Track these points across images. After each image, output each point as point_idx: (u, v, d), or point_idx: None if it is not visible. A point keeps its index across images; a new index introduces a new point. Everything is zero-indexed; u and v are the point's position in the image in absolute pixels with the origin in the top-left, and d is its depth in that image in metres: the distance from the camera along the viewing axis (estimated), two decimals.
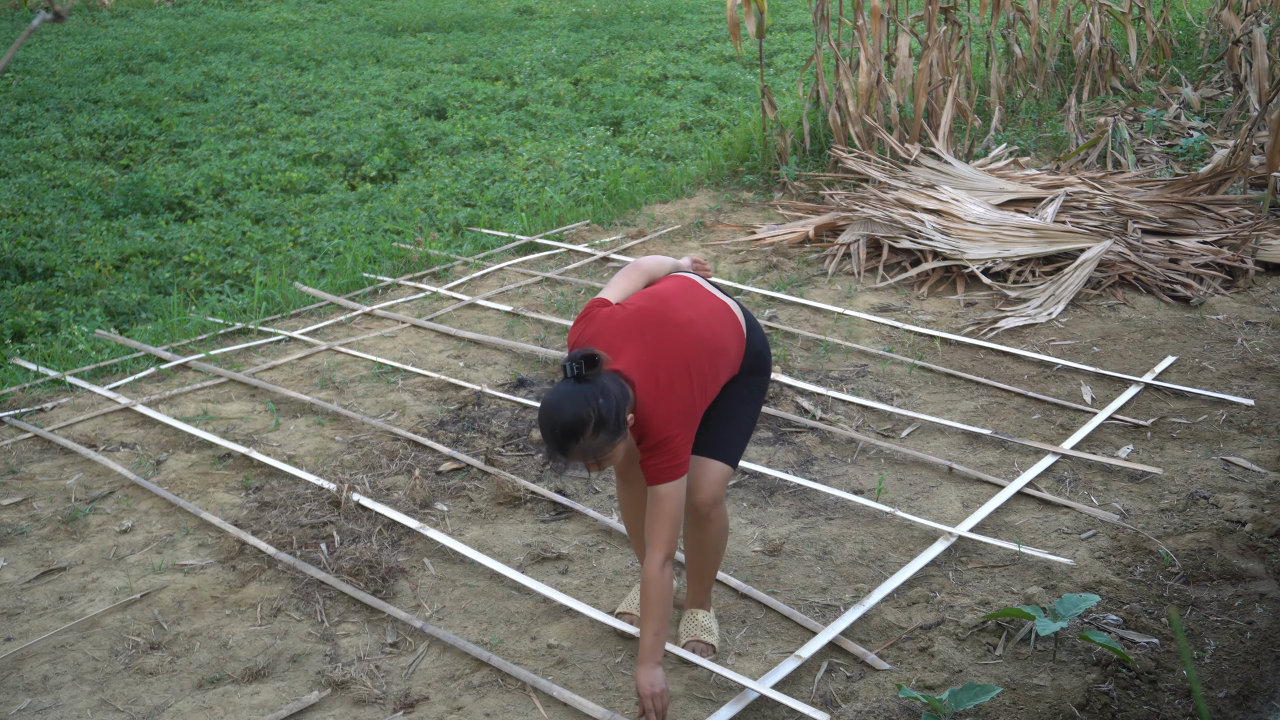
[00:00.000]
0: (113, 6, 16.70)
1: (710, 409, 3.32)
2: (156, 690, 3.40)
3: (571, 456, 3.03)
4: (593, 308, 3.25)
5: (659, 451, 3.11)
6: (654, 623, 3.12)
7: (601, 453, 3.02)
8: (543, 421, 3.04)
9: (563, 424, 2.98)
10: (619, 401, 3.01)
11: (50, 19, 1.47)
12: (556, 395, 3.02)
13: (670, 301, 3.27)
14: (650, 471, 3.13)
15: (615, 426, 3.00)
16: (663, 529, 3.12)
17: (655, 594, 3.12)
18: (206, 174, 8.79)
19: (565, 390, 3.01)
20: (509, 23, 15.30)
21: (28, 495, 4.46)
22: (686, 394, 3.15)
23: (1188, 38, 11.93)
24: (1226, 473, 4.42)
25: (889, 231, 6.68)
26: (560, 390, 3.02)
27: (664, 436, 3.10)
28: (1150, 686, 3.31)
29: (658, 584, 3.11)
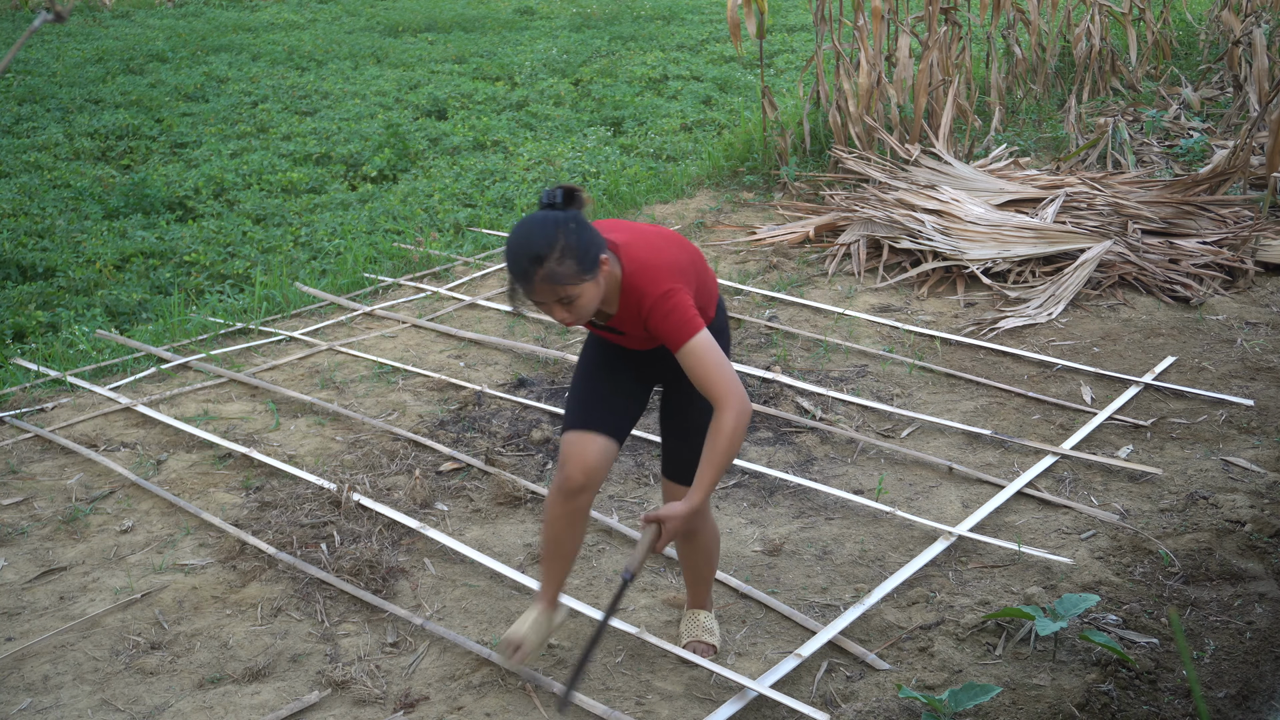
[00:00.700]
0: (114, 7, 16.70)
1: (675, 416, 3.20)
2: (157, 690, 3.41)
3: (536, 284, 2.78)
4: None
5: (668, 308, 2.87)
6: (712, 466, 2.88)
7: (568, 283, 2.78)
8: (510, 246, 2.82)
9: (529, 245, 2.78)
10: (595, 237, 2.83)
11: (51, 19, 1.47)
12: (526, 221, 2.83)
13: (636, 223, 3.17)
14: (670, 331, 2.88)
15: (585, 258, 2.79)
16: (719, 380, 2.85)
17: (723, 441, 2.85)
18: (207, 174, 8.79)
19: (537, 215, 2.83)
20: (509, 23, 15.31)
21: (28, 495, 4.47)
22: (674, 256, 2.97)
23: (1188, 38, 11.94)
24: (1226, 473, 4.42)
25: (889, 232, 6.69)
26: (532, 217, 2.84)
27: (664, 289, 2.88)
28: (1150, 686, 3.31)
29: (728, 429, 2.84)
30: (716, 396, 2.88)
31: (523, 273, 2.79)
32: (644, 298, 2.90)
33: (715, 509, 4.30)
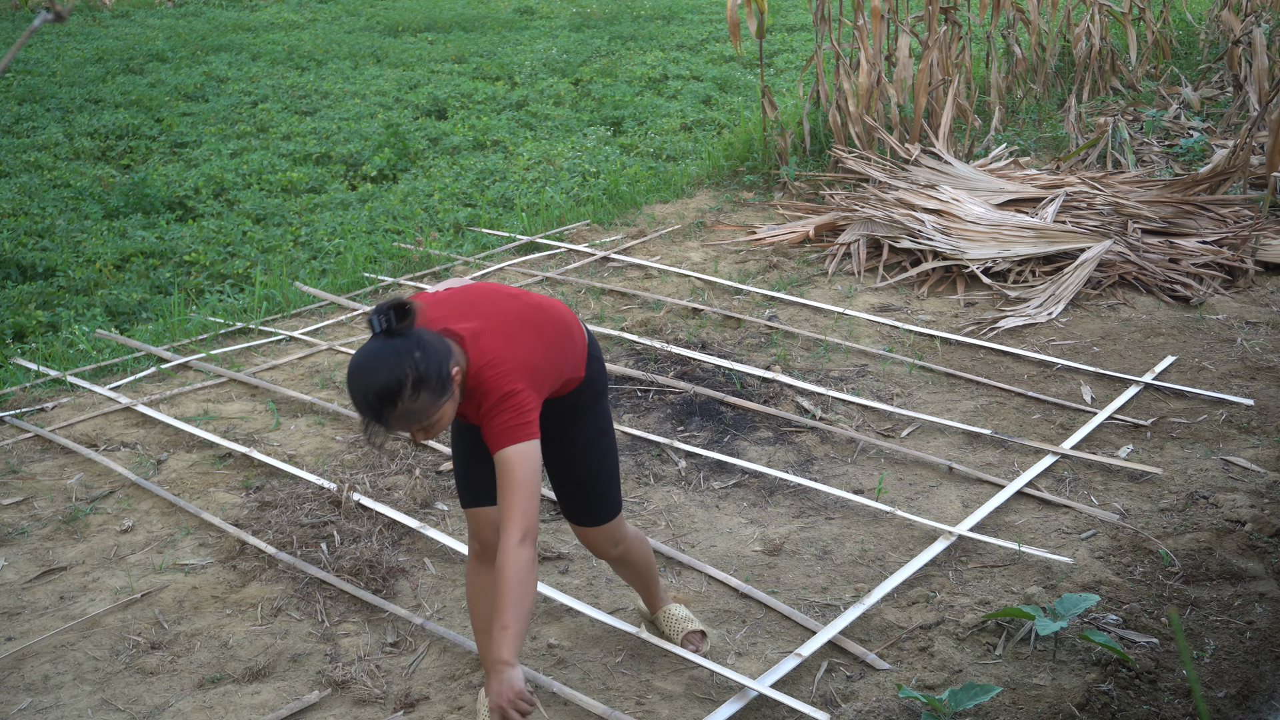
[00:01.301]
0: (113, 7, 16.70)
1: (568, 464, 3.11)
2: (157, 690, 3.41)
3: (392, 425, 2.63)
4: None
5: (503, 409, 2.71)
6: (509, 613, 2.65)
7: (425, 415, 2.64)
8: (352, 386, 2.63)
9: (376, 388, 2.59)
10: (441, 354, 2.65)
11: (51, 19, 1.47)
12: (364, 355, 2.62)
13: (492, 286, 2.98)
14: (495, 434, 2.72)
15: (438, 383, 2.62)
16: (517, 502, 2.69)
17: (512, 577, 2.66)
18: (207, 174, 8.79)
19: (373, 348, 2.62)
20: (509, 23, 15.31)
21: (28, 495, 4.47)
22: (528, 347, 2.80)
23: (1188, 38, 11.94)
24: (1226, 472, 4.42)
25: (889, 231, 6.68)
26: (368, 349, 2.63)
27: (506, 390, 2.71)
28: (1150, 686, 3.31)
29: (515, 565, 2.66)
30: (506, 512, 2.73)
31: (377, 415, 2.63)
32: (485, 398, 2.75)
33: (715, 509, 4.30)
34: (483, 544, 3.08)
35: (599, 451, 3.14)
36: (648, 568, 3.45)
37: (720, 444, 4.75)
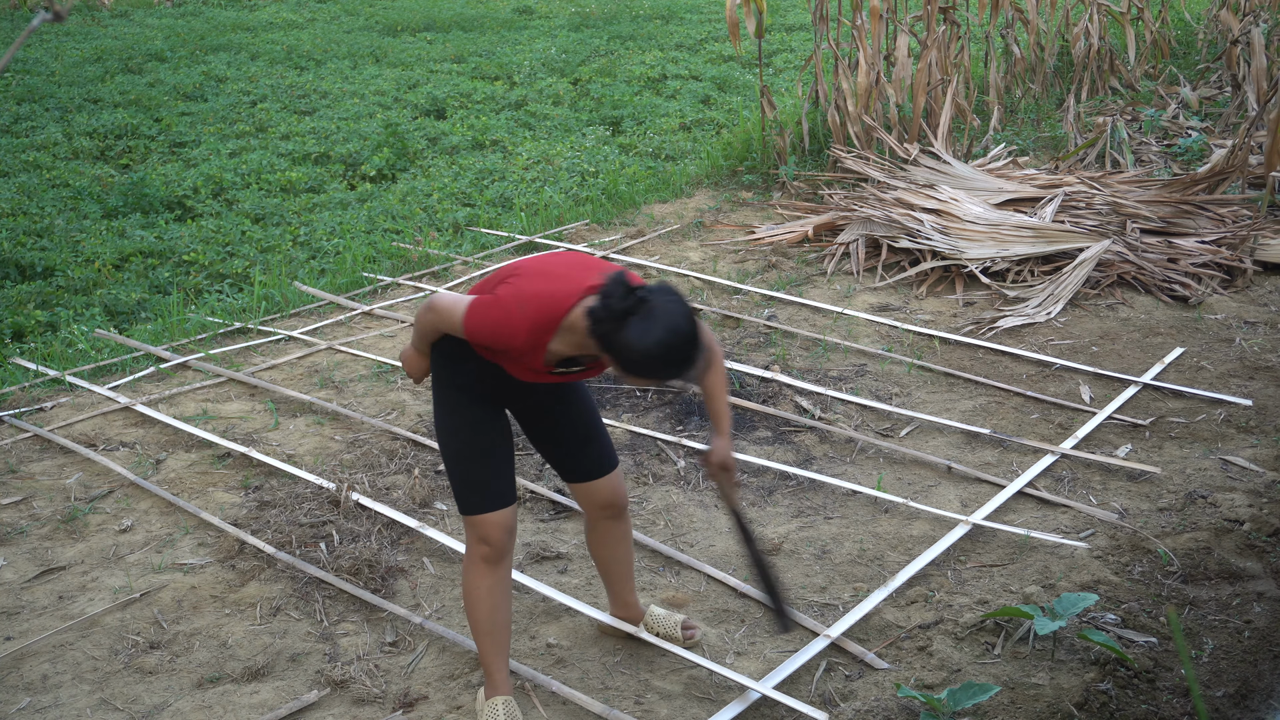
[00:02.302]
0: (112, 6, 16.70)
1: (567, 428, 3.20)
2: (156, 689, 3.41)
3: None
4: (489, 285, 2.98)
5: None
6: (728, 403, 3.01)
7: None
8: (675, 351, 2.72)
9: (693, 338, 2.74)
10: None
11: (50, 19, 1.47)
12: (662, 326, 2.70)
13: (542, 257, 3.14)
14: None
15: None
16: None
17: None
18: (206, 173, 8.79)
19: (660, 313, 2.71)
20: (508, 22, 15.31)
21: (27, 495, 4.47)
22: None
23: (1186, 38, 11.94)
24: (1225, 472, 4.42)
25: (888, 231, 6.69)
26: (658, 319, 2.70)
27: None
28: (1149, 685, 3.31)
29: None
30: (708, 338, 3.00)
31: (693, 359, 2.77)
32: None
33: (714, 508, 4.30)
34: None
35: (593, 402, 3.28)
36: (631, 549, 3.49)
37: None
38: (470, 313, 2.89)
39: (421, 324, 3.04)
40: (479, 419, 3.09)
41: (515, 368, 2.97)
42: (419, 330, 3.07)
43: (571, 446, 3.23)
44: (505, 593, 3.16)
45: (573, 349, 2.89)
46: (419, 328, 3.06)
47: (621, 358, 2.75)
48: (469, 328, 2.90)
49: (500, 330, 2.85)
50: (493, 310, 2.87)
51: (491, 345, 2.90)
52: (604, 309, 2.74)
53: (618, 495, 3.30)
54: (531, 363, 2.92)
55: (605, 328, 2.74)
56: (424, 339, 3.08)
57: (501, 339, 2.86)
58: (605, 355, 2.79)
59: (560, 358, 2.94)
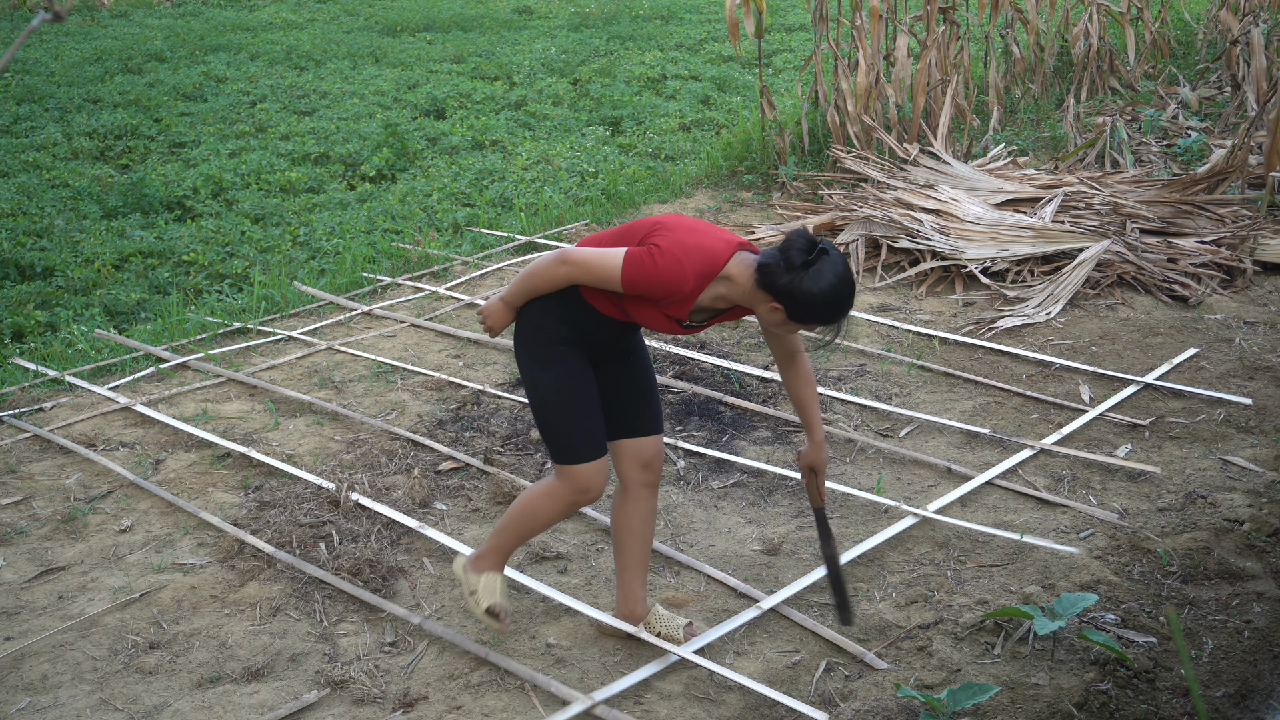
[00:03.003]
0: (112, 6, 16.70)
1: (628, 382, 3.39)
2: (156, 689, 3.41)
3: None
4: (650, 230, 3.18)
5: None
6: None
7: None
8: (845, 295, 3.07)
9: (853, 283, 3.11)
10: None
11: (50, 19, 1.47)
12: (838, 276, 3.04)
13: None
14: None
15: None
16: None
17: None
18: (206, 174, 8.79)
19: (835, 268, 3.04)
20: (508, 23, 15.31)
21: (27, 495, 4.47)
22: None
23: (1186, 38, 11.95)
24: (1224, 472, 4.42)
25: (887, 231, 6.69)
26: (836, 271, 3.04)
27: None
28: (1148, 685, 3.31)
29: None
30: (799, 347, 3.33)
31: (851, 306, 3.13)
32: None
33: (714, 508, 4.30)
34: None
35: (652, 367, 3.51)
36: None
37: (719, 443, 4.75)
38: (632, 265, 3.07)
39: (541, 278, 3.17)
40: (584, 372, 3.27)
41: (653, 318, 3.17)
42: (529, 284, 3.20)
43: (634, 400, 3.39)
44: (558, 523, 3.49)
45: (713, 300, 3.15)
46: (532, 282, 3.19)
47: (799, 303, 3.05)
48: (631, 276, 3.07)
49: (669, 277, 3.05)
50: (661, 259, 3.05)
51: (653, 292, 3.08)
52: (788, 260, 3.03)
53: (659, 457, 3.43)
54: (679, 312, 3.13)
55: (786, 277, 3.03)
56: (532, 292, 3.21)
57: (670, 285, 3.06)
58: (778, 302, 3.07)
59: (700, 308, 3.18)
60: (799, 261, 3.03)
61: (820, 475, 3.46)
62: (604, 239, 3.22)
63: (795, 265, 3.03)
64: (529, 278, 3.20)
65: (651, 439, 3.40)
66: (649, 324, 3.19)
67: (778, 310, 3.09)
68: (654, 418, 3.41)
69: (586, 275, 3.13)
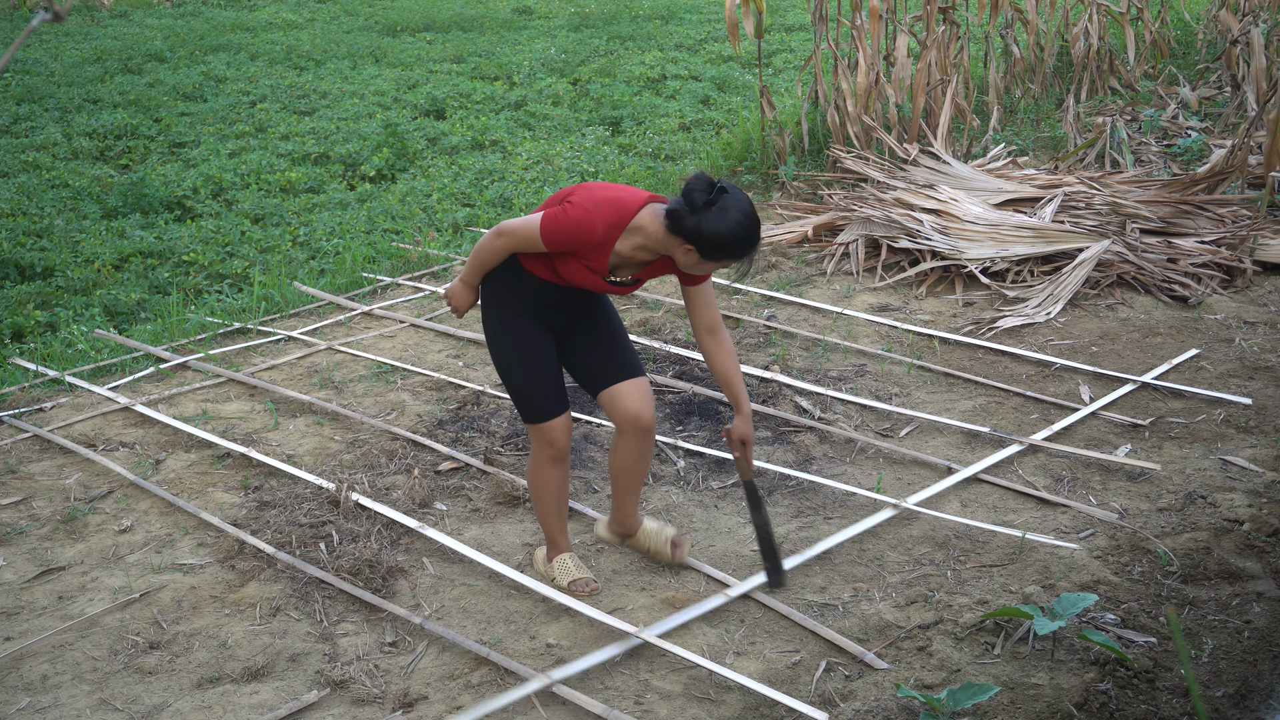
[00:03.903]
0: (112, 6, 16.70)
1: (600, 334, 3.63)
2: (156, 689, 3.41)
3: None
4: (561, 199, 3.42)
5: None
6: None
7: None
8: (751, 229, 3.30)
9: (756, 217, 3.33)
10: None
11: (49, 19, 1.47)
12: (742, 212, 3.27)
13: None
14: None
15: None
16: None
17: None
18: (205, 174, 8.79)
19: (738, 205, 3.27)
20: (508, 23, 15.31)
21: (27, 495, 4.47)
22: None
23: (1185, 38, 11.95)
24: (1224, 472, 4.42)
25: (887, 231, 6.69)
26: (739, 207, 3.26)
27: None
28: (1148, 685, 3.31)
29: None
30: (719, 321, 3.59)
31: (759, 240, 3.37)
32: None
33: (714, 508, 4.30)
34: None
35: (620, 321, 3.74)
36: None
37: (719, 443, 4.75)
38: (548, 221, 3.34)
39: (484, 253, 3.46)
40: (539, 338, 3.56)
41: (578, 272, 3.41)
42: (477, 261, 3.49)
43: (604, 353, 3.62)
44: (566, 481, 3.75)
45: (633, 250, 3.38)
46: (479, 258, 3.48)
47: (706, 242, 3.27)
48: (548, 231, 3.33)
49: (581, 227, 3.30)
50: (572, 212, 3.32)
51: (569, 244, 3.33)
52: (690, 202, 3.25)
53: (646, 403, 3.61)
54: (597, 262, 3.38)
55: (692, 219, 3.25)
56: (481, 268, 3.50)
57: (582, 234, 3.31)
58: (687, 245, 3.29)
59: (616, 263, 3.42)
60: (701, 202, 3.23)
61: (749, 448, 3.64)
62: (545, 205, 3.46)
63: (699, 206, 3.23)
64: (475, 255, 3.49)
65: (630, 383, 3.60)
66: (576, 279, 3.42)
67: (691, 251, 3.31)
68: (630, 365, 3.62)
69: (517, 241, 3.41)
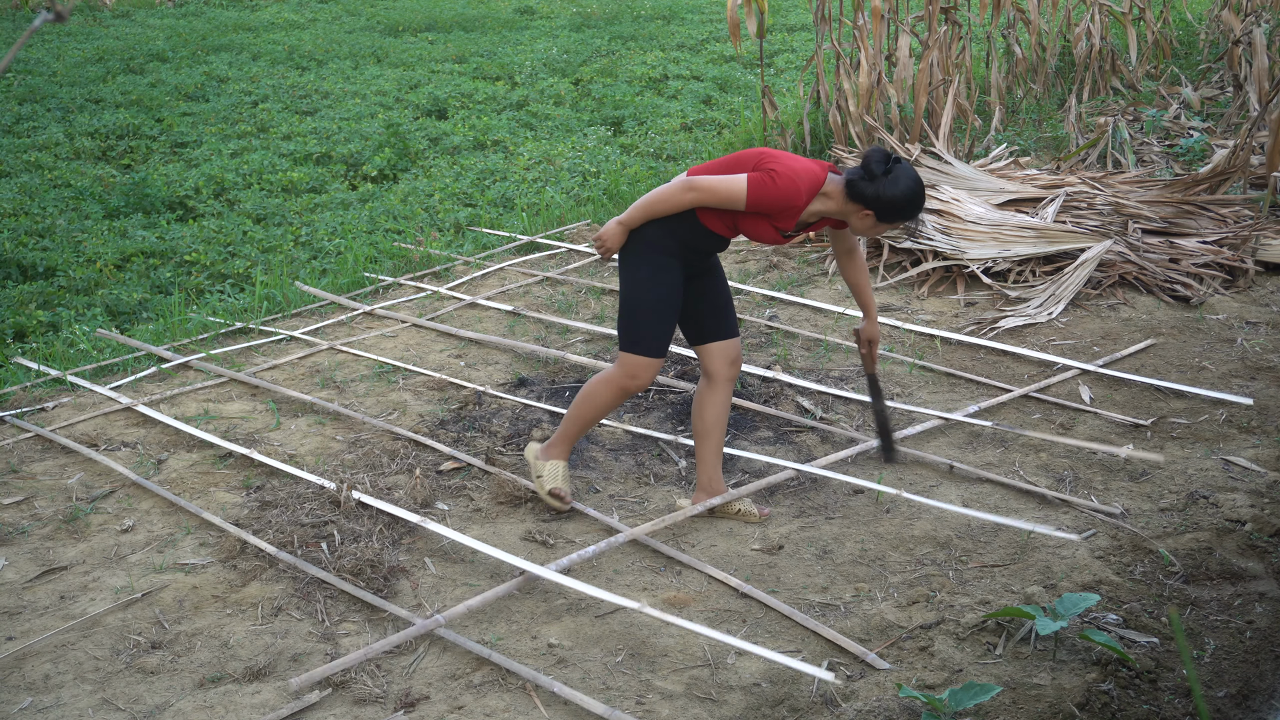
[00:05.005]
0: (114, 6, 16.71)
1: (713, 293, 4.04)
2: (158, 689, 3.41)
3: None
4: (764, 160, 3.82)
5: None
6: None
7: None
8: (920, 194, 3.77)
9: (923, 184, 3.83)
10: None
11: (52, 19, 1.47)
12: (912, 174, 3.74)
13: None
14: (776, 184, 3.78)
15: None
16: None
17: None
18: (208, 174, 8.80)
19: (908, 170, 3.74)
20: (510, 23, 15.31)
21: (29, 495, 4.47)
22: None
23: (1188, 38, 11.94)
24: (1226, 472, 4.42)
25: (889, 231, 6.68)
26: (907, 172, 3.74)
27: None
28: (1150, 686, 3.31)
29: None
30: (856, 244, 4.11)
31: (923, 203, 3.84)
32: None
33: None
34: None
35: (725, 280, 4.16)
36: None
37: None
38: (756, 186, 3.72)
39: (665, 203, 3.80)
40: (677, 283, 3.92)
41: (763, 230, 3.83)
42: (651, 208, 3.82)
43: (719, 310, 4.04)
44: (610, 412, 4.12)
45: (811, 215, 3.85)
46: (655, 206, 3.81)
47: (885, 206, 3.74)
48: (755, 195, 3.72)
49: (788, 195, 3.73)
50: (780, 181, 3.72)
51: (771, 208, 3.75)
52: (869, 172, 3.71)
53: (740, 355, 4.10)
54: (788, 224, 3.82)
55: (872, 187, 3.72)
56: (653, 215, 3.83)
57: (788, 200, 3.74)
58: (865, 210, 3.76)
59: (800, 221, 3.86)
60: (879, 171, 3.70)
61: (874, 346, 4.22)
62: (714, 168, 3.84)
63: (877, 175, 3.71)
64: (652, 204, 3.81)
65: (734, 340, 4.07)
66: (758, 236, 3.84)
67: (868, 216, 3.78)
68: (734, 323, 4.09)
69: (712, 198, 3.76)
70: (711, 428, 4.10)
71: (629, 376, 3.94)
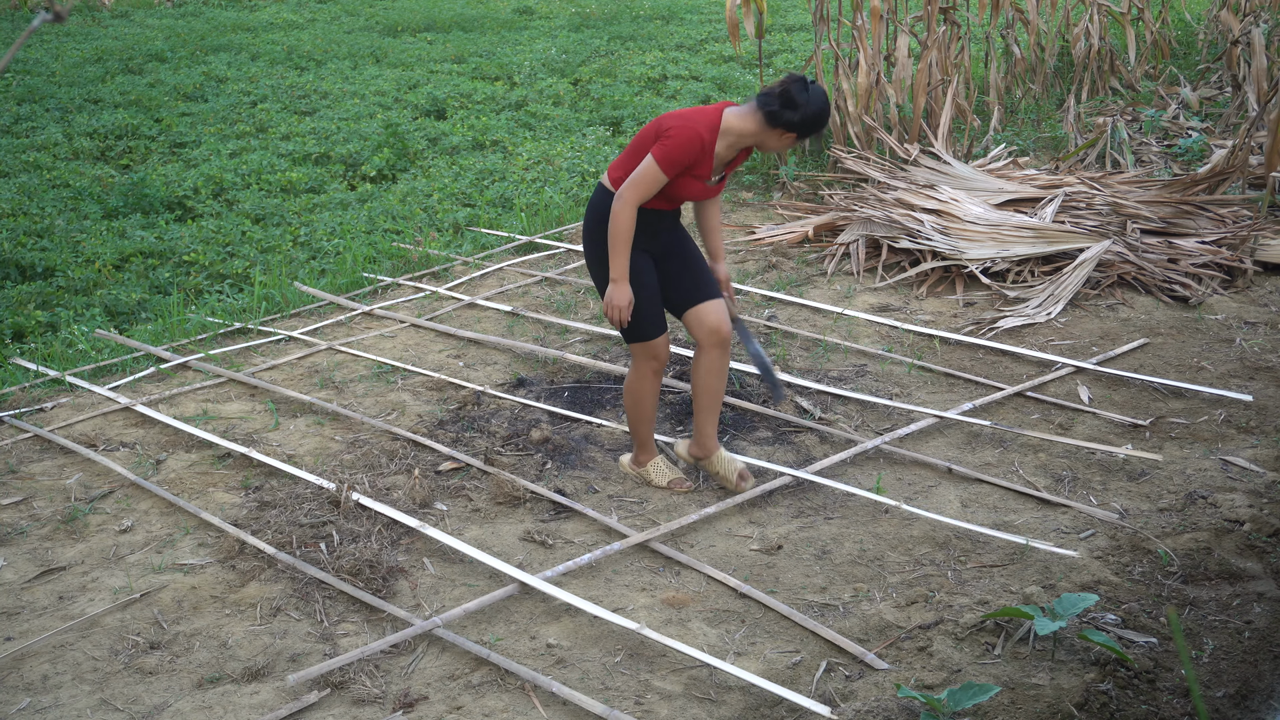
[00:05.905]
0: (113, 7, 16.70)
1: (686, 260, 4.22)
2: (156, 690, 3.41)
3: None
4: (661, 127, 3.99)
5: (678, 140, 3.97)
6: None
7: None
8: (826, 103, 3.98)
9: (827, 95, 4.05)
10: None
11: (50, 19, 1.47)
12: (818, 89, 3.96)
13: None
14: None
15: None
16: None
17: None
18: (206, 174, 8.79)
19: (812, 82, 3.97)
20: (508, 23, 15.31)
21: (27, 495, 4.47)
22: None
23: (1186, 38, 11.95)
24: (1225, 472, 4.42)
25: (888, 231, 6.69)
26: (815, 86, 3.96)
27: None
28: (1149, 686, 3.31)
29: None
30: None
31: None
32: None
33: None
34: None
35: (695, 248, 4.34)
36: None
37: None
38: (661, 154, 3.91)
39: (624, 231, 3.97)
40: (647, 268, 4.13)
41: (690, 186, 4.02)
42: (621, 243, 3.98)
43: (690, 279, 4.21)
44: (658, 393, 4.36)
45: (726, 150, 4.02)
46: (619, 240, 3.98)
47: (806, 124, 3.96)
48: (666, 161, 3.90)
49: (690, 141, 3.90)
50: (676, 135, 3.90)
51: (685, 161, 3.92)
52: (794, 100, 3.90)
53: (725, 319, 4.22)
54: (704, 170, 3.99)
55: (781, 100, 3.92)
56: (626, 248, 4.00)
57: (693, 146, 3.90)
58: (775, 128, 3.95)
59: (715, 165, 4.04)
60: (803, 99, 3.92)
61: (728, 286, 4.36)
62: (625, 160, 4.03)
63: (801, 103, 3.91)
64: (619, 237, 3.97)
65: (710, 303, 4.19)
66: (687, 193, 4.03)
67: (788, 136, 3.99)
68: (708, 286, 4.21)
69: (644, 191, 3.95)
70: (700, 390, 4.31)
71: (650, 359, 4.23)
